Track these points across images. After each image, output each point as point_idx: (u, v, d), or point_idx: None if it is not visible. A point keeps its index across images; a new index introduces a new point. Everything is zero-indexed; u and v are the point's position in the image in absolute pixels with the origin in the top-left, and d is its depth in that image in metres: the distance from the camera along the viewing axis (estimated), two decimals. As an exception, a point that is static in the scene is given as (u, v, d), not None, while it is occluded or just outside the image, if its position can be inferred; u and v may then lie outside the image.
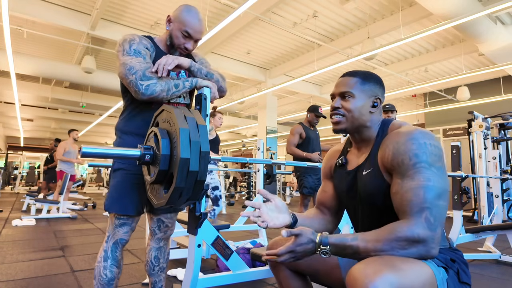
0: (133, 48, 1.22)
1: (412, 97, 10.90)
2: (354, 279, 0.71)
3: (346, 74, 1.03)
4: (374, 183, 0.93)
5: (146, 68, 1.19)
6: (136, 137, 1.31)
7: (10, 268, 2.38)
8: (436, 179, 0.81)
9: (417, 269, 0.74)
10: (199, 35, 1.33)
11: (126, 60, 1.18)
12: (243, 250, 2.27)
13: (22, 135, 17.29)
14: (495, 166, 3.64)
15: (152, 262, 1.41)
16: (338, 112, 0.99)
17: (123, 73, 1.17)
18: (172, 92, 1.21)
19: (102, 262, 1.27)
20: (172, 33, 1.31)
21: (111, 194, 1.28)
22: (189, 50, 1.35)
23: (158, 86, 1.17)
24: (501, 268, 2.61)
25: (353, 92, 0.98)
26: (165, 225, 1.41)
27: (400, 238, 0.76)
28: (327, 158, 1.19)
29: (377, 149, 0.95)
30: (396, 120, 1.03)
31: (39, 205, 5.28)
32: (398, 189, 0.85)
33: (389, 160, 0.89)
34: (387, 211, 0.90)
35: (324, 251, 0.82)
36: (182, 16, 1.29)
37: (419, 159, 0.83)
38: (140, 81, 1.15)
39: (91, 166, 2.22)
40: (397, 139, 0.89)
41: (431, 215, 0.78)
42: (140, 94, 1.16)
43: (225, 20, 4.64)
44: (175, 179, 1.00)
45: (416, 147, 0.84)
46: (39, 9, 5.46)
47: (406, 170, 0.84)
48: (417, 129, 0.89)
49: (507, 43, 5.73)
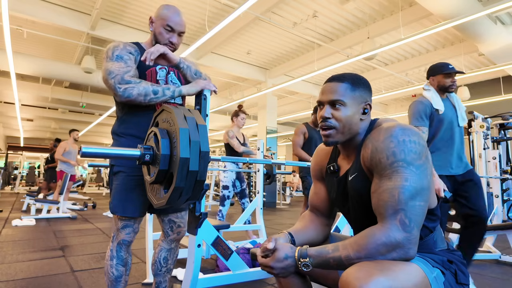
0: (115, 54, 1.27)
1: (412, 97, 10.89)
2: (346, 283, 0.71)
3: (333, 78, 0.95)
4: (361, 186, 0.91)
5: (126, 72, 1.23)
6: (130, 138, 1.33)
7: (10, 268, 2.38)
8: (414, 179, 0.79)
9: (409, 271, 0.74)
10: (181, 27, 1.37)
11: (108, 66, 1.24)
12: (243, 250, 2.27)
13: (22, 135, 17.28)
14: (495, 166, 3.65)
15: (161, 263, 1.42)
16: (329, 123, 0.92)
17: (104, 78, 1.24)
18: (150, 98, 1.23)
19: (109, 261, 1.33)
20: (156, 32, 1.36)
21: (114, 197, 1.31)
22: (174, 44, 1.38)
23: (135, 90, 1.20)
24: (501, 268, 2.61)
25: (344, 100, 0.91)
26: (177, 226, 1.42)
27: (378, 244, 0.76)
28: (316, 158, 1.14)
29: (360, 150, 0.93)
30: (382, 119, 0.98)
31: (39, 205, 5.28)
32: (376, 189, 0.84)
33: (368, 159, 0.87)
34: None
35: (305, 263, 0.81)
36: (162, 13, 1.35)
37: (396, 158, 0.80)
38: (118, 85, 1.20)
39: (91, 166, 2.23)
40: (376, 137, 0.86)
41: (406, 217, 0.76)
42: (118, 96, 1.21)
43: (225, 20, 4.64)
44: (175, 179, 1.00)
45: (395, 145, 0.81)
46: (39, 9, 5.46)
47: (384, 169, 0.82)
48: (398, 125, 0.85)
49: (507, 43, 5.73)
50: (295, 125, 15.60)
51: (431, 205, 0.89)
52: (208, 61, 7.55)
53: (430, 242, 0.91)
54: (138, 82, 1.22)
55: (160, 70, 1.37)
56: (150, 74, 1.34)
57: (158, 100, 1.24)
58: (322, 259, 0.81)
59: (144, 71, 1.33)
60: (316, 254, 0.82)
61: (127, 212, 1.29)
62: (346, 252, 0.78)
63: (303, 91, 9.70)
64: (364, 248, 0.76)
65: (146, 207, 1.34)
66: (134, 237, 1.36)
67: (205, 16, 5.67)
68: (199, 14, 5.89)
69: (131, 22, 6.35)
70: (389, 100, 11.43)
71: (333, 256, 0.79)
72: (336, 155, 1.07)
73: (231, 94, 10.86)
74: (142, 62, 1.33)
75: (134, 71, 1.26)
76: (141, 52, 1.36)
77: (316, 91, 9.90)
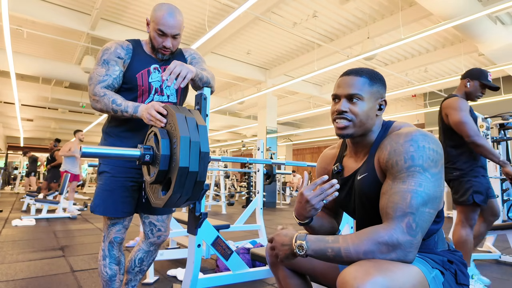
0: (103, 58, 1.28)
1: (412, 97, 10.90)
2: (344, 282, 0.71)
3: (350, 72, 0.93)
4: (369, 186, 0.91)
5: (101, 81, 1.25)
6: (118, 138, 1.34)
7: (10, 268, 2.38)
8: (428, 185, 0.79)
9: (407, 271, 0.74)
10: (174, 30, 1.27)
11: (93, 70, 1.29)
12: (243, 250, 2.28)
13: (22, 135, 17.28)
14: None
15: (135, 262, 1.42)
16: (345, 116, 0.90)
17: (88, 81, 1.30)
18: (112, 114, 1.25)
19: (102, 261, 1.33)
20: (151, 35, 1.32)
21: (96, 197, 1.32)
22: (168, 49, 1.32)
23: (99, 104, 1.25)
24: (501, 268, 2.61)
25: (362, 94, 0.90)
26: (157, 229, 1.41)
27: (380, 242, 0.75)
28: (321, 162, 1.15)
29: (375, 151, 0.92)
30: (398, 121, 0.97)
31: (39, 205, 5.28)
32: (387, 190, 0.83)
33: (385, 160, 0.86)
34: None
35: (300, 244, 0.81)
36: (154, 15, 1.27)
37: (414, 162, 0.80)
38: (90, 94, 1.27)
39: (91, 166, 2.23)
40: (396, 139, 0.86)
41: (413, 221, 0.76)
42: (91, 104, 1.29)
43: (225, 20, 4.64)
44: (173, 185, 1.00)
45: (414, 149, 0.81)
46: (39, 9, 5.46)
47: (399, 172, 0.82)
48: (418, 130, 0.85)
49: (507, 43, 5.73)
50: (295, 125, 15.60)
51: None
52: (208, 61, 7.55)
53: (431, 242, 0.91)
54: (102, 95, 1.24)
55: (154, 70, 1.35)
56: (141, 76, 1.32)
57: (117, 115, 1.25)
58: (320, 246, 0.80)
59: (135, 74, 1.31)
60: (314, 239, 0.81)
61: (107, 212, 1.30)
62: (346, 245, 0.78)
63: (303, 91, 9.70)
64: (365, 243, 0.76)
65: (131, 207, 1.34)
66: (125, 233, 1.36)
67: (205, 16, 5.67)
68: (199, 14, 5.89)
69: (131, 22, 6.35)
70: (389, 100, 11.42)
71: (332, 246, 0.79)
72: (341, 156, 1.07)
73: (231, 94, 10.86)
74: (135, 63, 1.32)
75: (110, 80, 1.26)
76: (138, 51, 1.34)
77: (316, 91, 9.90)
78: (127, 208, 1.33)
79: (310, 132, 14.76)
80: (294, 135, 15.87)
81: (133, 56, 1.33)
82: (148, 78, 1.33)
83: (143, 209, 1.38)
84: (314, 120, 14.46)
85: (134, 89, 1.32)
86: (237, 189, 11.59)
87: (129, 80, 1.31)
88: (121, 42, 1.33)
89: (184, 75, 1.15)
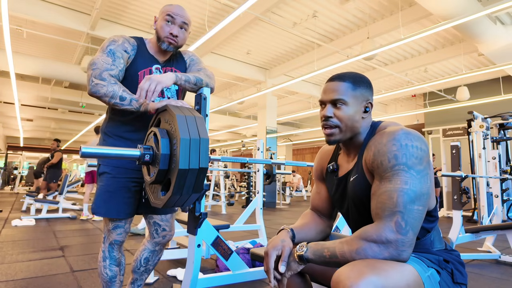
0: (109, 47, 1.26)
1: (412, 97, 10.90)
2: (338, 282, 0.71)
3: (334, 78, 0.96)
4: (361, 188, 0.91)
5: (107, 69, 1.20)
6: (116, 138, 1.34)
7: (10, 268, 2.38)
8: (414, 183, 0.79)
9: (401, 270, 0.74)
10: (183, 19, 1.32)
11: (96, 56, 1.24)
12: (243, 250, 2.28)
13: (21, 135, 17.28)
14: (494, 166, 3.65)
15: (140, 262, 1.42)
16: (331, 122, 0.93)
17: (87, 66, 1.22)
18: (115, 102, 1.19)
19: (102, 262, 1.33)
20: (157, 27, 1.34)
21: (97, 198, 1.32)
22: (175, 37, 1.32)
23: (104, 89, 1.17)
24: (500, 268, 2.61)
25: (346, 99, 0.92)
26: (162, 229, 1.41)
27: (369, 242, 0.77)
28: (318, 159, 1.16)
29: (363, 152, 0.94)
30: (386, 121, 0.98)
31: (38, 205, 5.28)
32: (376, 190, 0.84)
33: (370, 161, 0.87)
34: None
35: (301, 250, 0.86)
36: (163, 9, 1.35)
37: (398, 161, 0.81)
38: (93, 78, 1.18)
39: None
40: (379, 140, 0.87)
41: (402, 219, 0.77)
42: (88, 89, 1.19)
43: (225, 20, 4.64)
44: (172, 187, 1.00)
45: (397, 148, 0.82)
46: (39, 9, 5.46)
47: (385, 171, 0.83)
48: (402, 129, 0.86)
49: (507, 43, 5.73)
50: (295, 125, 15.62)
51: (429, 207, 0.89)
52: (208, 61, 7.55)
53: (427, 242, 0.91)
54: (113, 83, 1.19)
55: (155, 70, 1.35)
56: (143, 75, 1.32)
57: (122, 107, 1.20)
58: (318, 249, 0.84)
59: (137, 72, 1.31)
60: (313, 244, 0.86)
61: (109, 213, 1.29)
62: (341, 246, 0.80)
63: (303, 91, 9.70)
64: (356, 242, 0.78)
65: (132, 208, 1.34)
66: (126, 236, 1.36)
67: (205, 16, 5.67)
68: (199, 14, 5.89)
69: (131, 22, 6.35)
70: (389, 100, 11.43)
71: (328, 247, 0.82)
72: (336, 154, 1.08)
73: (231, 94, 10.87)
74: (138, 60, 1.32)
75: (117, 72, 1.23)
76: (141, 49, 1.35)
77: (316, 91, 9.90)
78: (129, 209, 1.32)
79: (310, 132, 14.77)
80: (294, 135, 15.88)
81: (137, 53, 1.33)
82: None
83: (145, 209, 1.38)
84: (314, 120, 14.46)
85: (134, 87, 1.31)
86: (237, 189, 11.58)
87: (131, 77, 1.31)
88: (128, 38, 1.33)
89: (153, 89, 1.14)
